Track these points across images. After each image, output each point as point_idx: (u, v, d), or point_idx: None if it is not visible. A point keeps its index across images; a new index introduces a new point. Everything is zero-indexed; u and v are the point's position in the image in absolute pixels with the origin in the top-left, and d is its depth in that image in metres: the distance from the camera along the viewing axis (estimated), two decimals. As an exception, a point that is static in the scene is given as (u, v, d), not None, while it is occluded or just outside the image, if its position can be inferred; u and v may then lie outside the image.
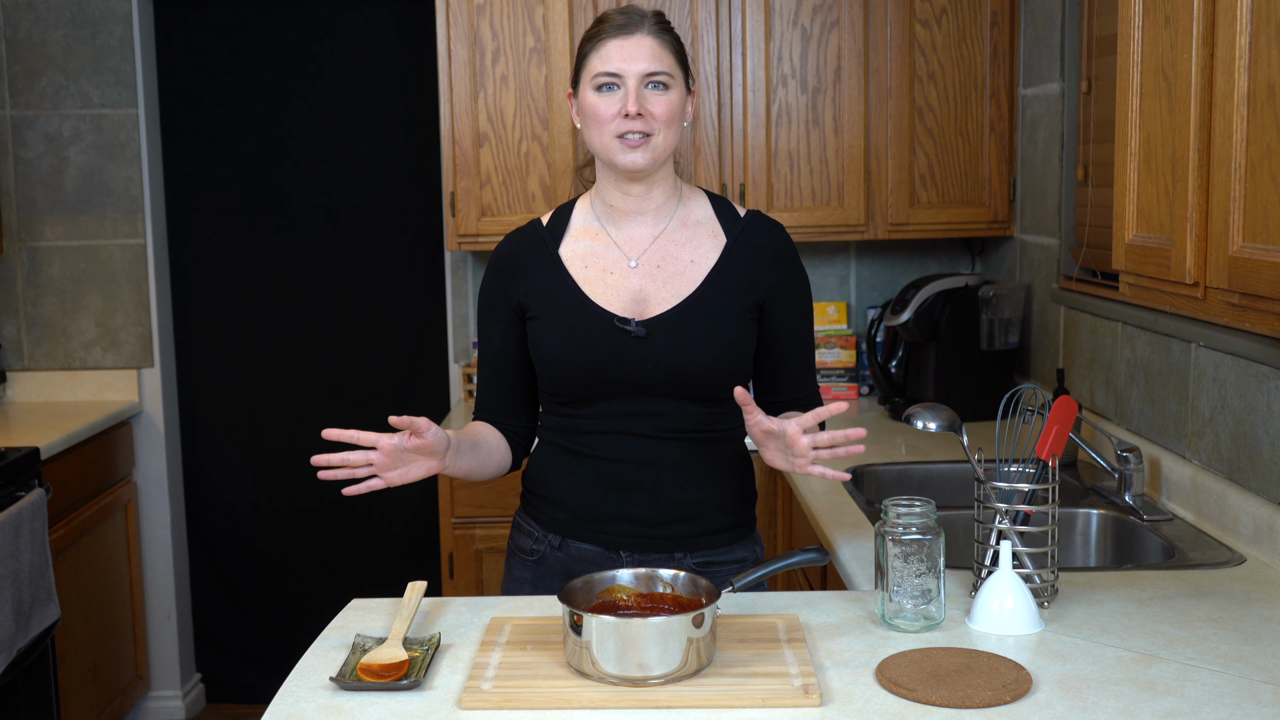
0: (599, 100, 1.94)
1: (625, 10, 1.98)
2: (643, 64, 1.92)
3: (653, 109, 1.93)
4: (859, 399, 3.85)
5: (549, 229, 2.07)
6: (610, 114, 1.93)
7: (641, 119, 1.92)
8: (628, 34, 1.93)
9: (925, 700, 1.55)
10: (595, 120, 1.95)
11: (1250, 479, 2.22)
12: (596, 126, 1.95)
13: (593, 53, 1.95)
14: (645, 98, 1.93)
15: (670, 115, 1.95)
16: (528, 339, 2.05)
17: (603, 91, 1.94)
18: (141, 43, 3.97)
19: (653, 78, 1.93)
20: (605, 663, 1.59)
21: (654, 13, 1.99)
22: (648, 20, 1.96)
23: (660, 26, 1.96)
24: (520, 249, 2.07)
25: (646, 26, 1.95)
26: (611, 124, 1.94)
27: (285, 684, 1.65)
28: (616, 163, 1.96)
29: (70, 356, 4.05)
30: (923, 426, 2.14)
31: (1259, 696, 1.56)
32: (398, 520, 4.28)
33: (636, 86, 1.92)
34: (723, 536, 2.06)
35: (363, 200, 4.17)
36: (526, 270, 2.05)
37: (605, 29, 1.95)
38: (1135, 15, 1.92)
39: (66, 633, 3.47)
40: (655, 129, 1.94)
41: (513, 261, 2.07)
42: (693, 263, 2.02)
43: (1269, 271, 1.56)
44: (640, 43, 1.93)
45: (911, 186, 3.58)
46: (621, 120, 1.93)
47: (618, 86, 1.93)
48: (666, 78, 1.94)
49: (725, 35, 3.54)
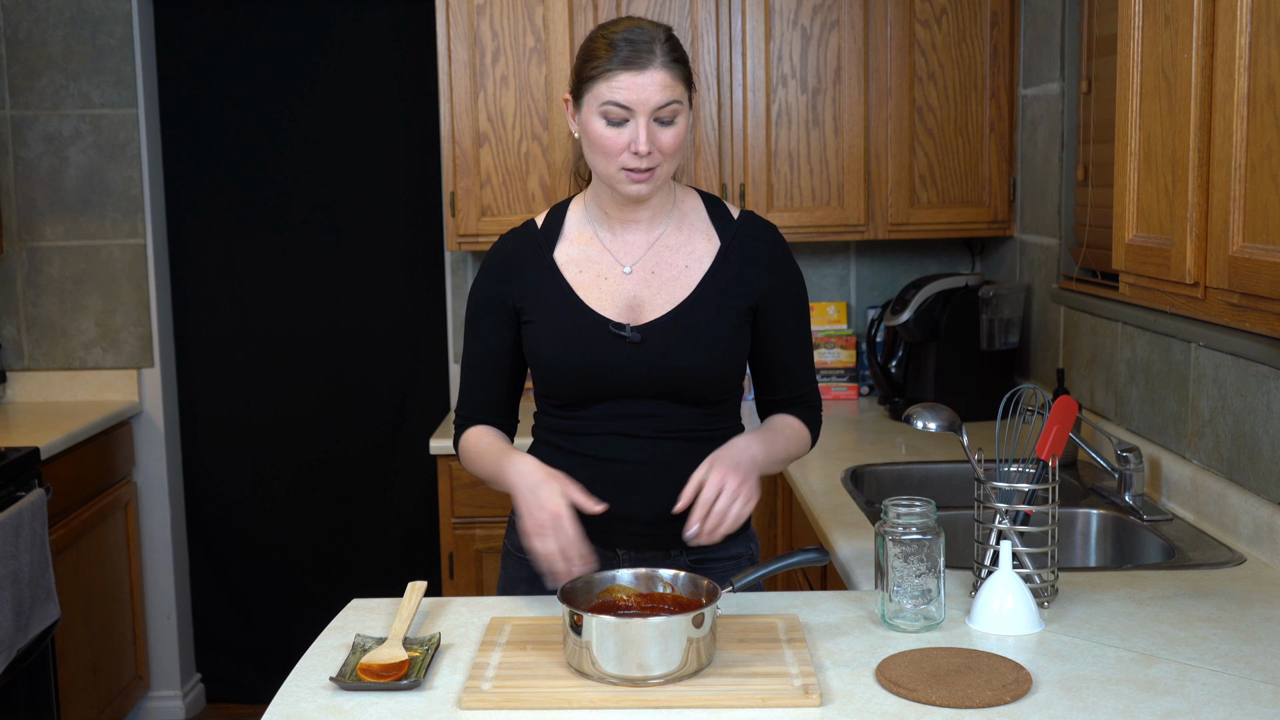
0: (607, 132, 1.90)
1: (632, 35, 1.90)
2: (655, 98, 1.88)
3: (661, 142, 1.90)
4: (859, 399, 3.86)
5: (544, 232, 2.07)
6: (618, 147, 1.91)
7: (649, 155, 1.90)
8: (640, 68, 1.87)
9: (925, 700, 1.55)
10: (603, 150, 1.92)
11: (1250, 479, 2.22)
12: (603, 156, 1.93)
13: (601, 79, 1.89)
14: (654, 132, 1.89)
15: (677, 147, 1.93)
16: (523, 343, 2.05)
17: (611, 124, 1.90)
18: (141, 43, 3.97)
19: (662, 111, 1.90)
20: (605, 663, 1.59)
21: (665, 35, 1.92)
22: (659, 48, 1.89)
23: (672, 55, 1.90)
24: (515, 251, 2.07)
25: (659, 59, 1.88)
26: (619, 157, 1.91)
27: (285, 684, 1.65)
28: (620, 192, 1.96)
29: (70, 356, 4.05)
30: (923, 426, 2.14)
31: (1259, 696, 1.56)
32: (398, 520, 4.28)
33: (647, 122, 1.89)
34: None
35: (363, 200, 4.17)
36: (523, 273, 2.04)
37: (615, 57, 1.89)
38: (1135, 15, 1.92)
39: (66, 633, 3.47)
40: (661, 162, 1.92)
41: (508, 264, 2.06)
42: (687, 268, 2.02)
43: (1269, 271, 1.56)
44: (653, 77, 1.88)
45: (911, 186, 3.58)
46: (630, 155, 1.91)
47: (627, 120, 1.90)
48: (677, 106, 1.90)
49: (725, 35, 3.53)
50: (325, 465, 4.27)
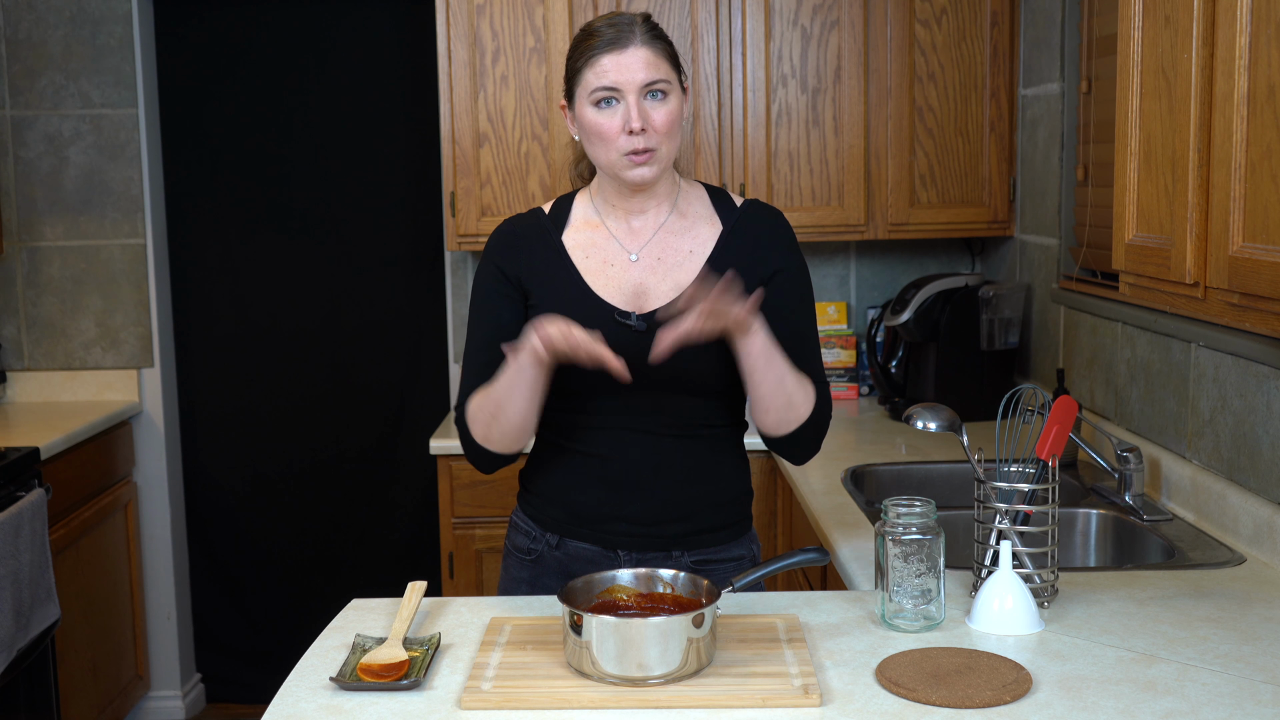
0: (600, 117, 1.93)
1: (613, 21, 1.96)
2: (640, 75, 1.92)
3: (654, 120, 1.93)
4: (859, 399, 3.86)
5: (551, 217, 2.08)
6: (614, 130, 1.93)
7: (645, 134, 1.92)
8: (621, 47, 1.92)
9: (925, 700, 1.55)
10: (599, 137, 1.95)
11: (1250, 479, 2.22)
12: (601, 143, 1.95)
13: (587, 68, 1.94)
14: (646, 110, 1.92)
15: (671, 124, 1.95)
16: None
17: (602, 107, 1.93)
18: (141, 43, 3.97)
19: (651, 87, 1.93)
20: (605, 663, 1.59)
21: (642, 18, 1.97)
22: (638, 28, 1.94)
23: (652, 34, 1.95)
24: (522, 231, 2.07)
25: (639, 36, 1.93)
26: (616, 141, 1.93)
27: (285, 684, 1.65)
28: (623, 178, 1.97)
29: (70, 356, 4.05)
30: (923, 426, 2.14)
31: (1259, 696, 1.56)
32: (398, 520, 4.28)
33: (636, 100, 1.92)
34: (720, 534, 2.06)
35: (363, 200, 4.17)
36: (530, 252, 2.04)
37: (597, 43, 1.93)
38: (1135, 15, 1.92)
39: (66, 633, 3.47)
40: (658, 142, 1.94)
41: (515, 241, 2.06)
42: (691, 253, 2.02)
43: (1269, 271, 1.56)
44: (635, 54, 1.92)
45: (911, 186, 3.58)
46: (626, 137, 1.93)
47: (617, 101, 1.93)
48: (665, 84, 1.94)
49: (725, 35, 3.54)
50: (325, 465, 4.27)
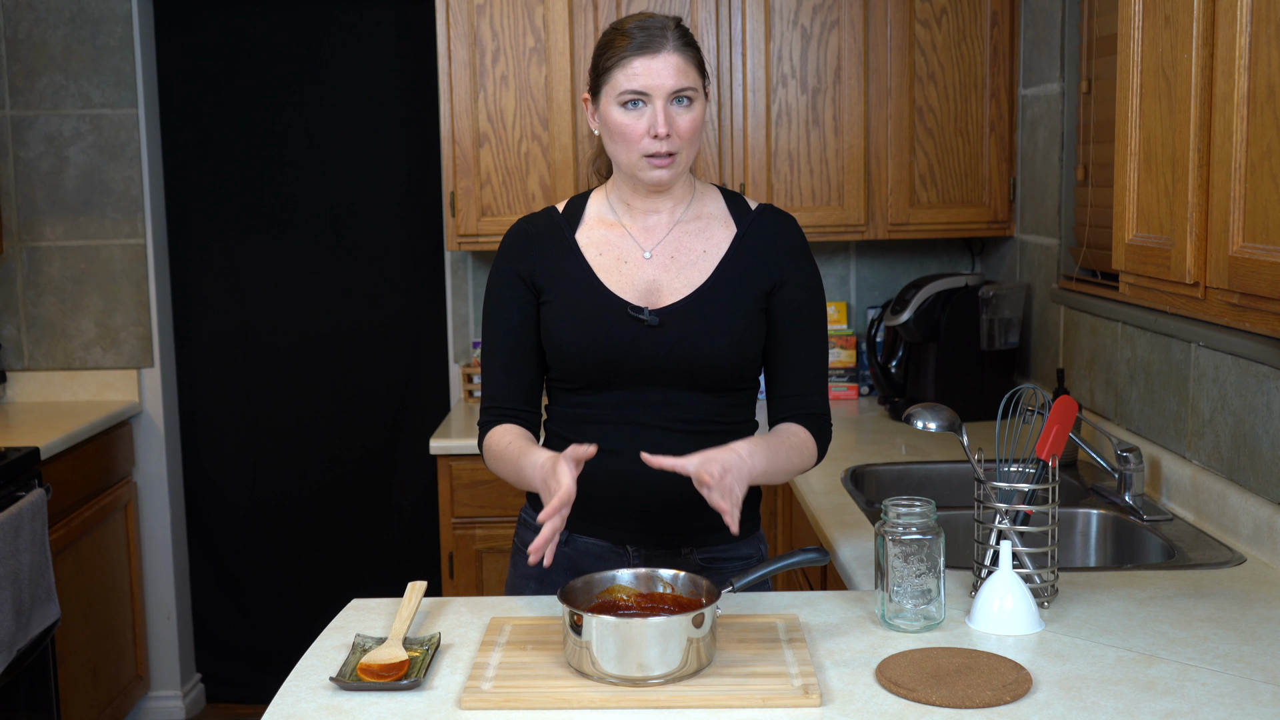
0: (626, 118, 1.95)
1: (645, 24, 1.96)
2: (670, 81, 1.93)
3: (679, 126, 1.95)
4: (859, 399, 3.86)
5: (565, 215, 2.09)
6: (638, 132, 1.95)
7: (669, 139, 1.94)
8: (653, 52, 1.93)
9: (925, 700, 1.55)
10: (623, 138, 1.97)
11: (1250, 479, 2.22)
12: (624, 144, 1.97)
13: (617, 68, 1.95)
14: (671, 115, 1.94)
15: (695, 131, 1.97)
16: (541, 325, 2.05)
17: (628, 109, 1.95)
18: (141, 43, 3.97)
19: (679, 94, 1.95)
20: (605, 663, 1.59)
21: (674, 22, 1.98)
22: (670, 34, 1.95)
23: (683, 40, 1.97)
24: (537, 231, 2.09)
25: (671, 42, 1.95)
26: (639, 143, 1.96)
27: (285, 684, 1.65)
28: (642, 179, 1.99)
29: (70, 356, 4.05)
30: (923, 426, 2.14)
31: (1259, 696, 1.56)
32: (398, 520, 4.28)
33: (664, 105, 1.94)
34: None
35: (363, 200, 4.17)
36: (543, 251, 2.06)
37: (629, 44, 1.95)
38: (1135, 15, 1.92)
39: (66, 633, 3.47)
40: (680, 147, 1.96)
41: (529, 241, 2.08)
42: (705, 253, 2.04)
43: (1269, 271, 1.56)
44: (667, 60, 1.93)
45: (911, 186, 3.58)
46: (650, 140, 1.95)
47: (644, 103, 1.95)
48: (692, 92, 1.96)
49: (725, 35, 3.53)
50: (325, 465, 4.27)
